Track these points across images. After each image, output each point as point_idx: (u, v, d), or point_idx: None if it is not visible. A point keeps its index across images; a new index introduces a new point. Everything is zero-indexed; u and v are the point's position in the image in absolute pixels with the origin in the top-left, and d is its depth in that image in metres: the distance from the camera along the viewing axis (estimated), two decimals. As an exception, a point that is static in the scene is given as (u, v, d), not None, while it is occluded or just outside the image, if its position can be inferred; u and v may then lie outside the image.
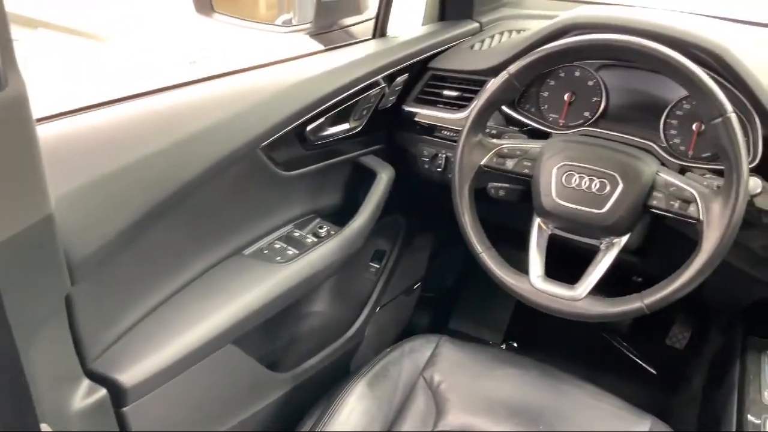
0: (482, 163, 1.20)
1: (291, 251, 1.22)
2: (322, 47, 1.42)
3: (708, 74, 1.12)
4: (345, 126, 1.33)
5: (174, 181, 0.97)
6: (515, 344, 2.01)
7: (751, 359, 1.19)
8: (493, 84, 1.17)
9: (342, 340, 1.51)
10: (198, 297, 1.08)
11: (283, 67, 1.27)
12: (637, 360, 1.93)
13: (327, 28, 1.50)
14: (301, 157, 1.27)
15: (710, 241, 1.01)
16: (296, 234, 1.29)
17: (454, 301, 2.07)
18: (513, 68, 1.15)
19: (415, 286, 1.83)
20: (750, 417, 1.08)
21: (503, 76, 1.15)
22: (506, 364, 1.28)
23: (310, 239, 1.27)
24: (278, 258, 1.20)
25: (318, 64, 1.29)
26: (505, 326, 2.02)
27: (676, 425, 1.46)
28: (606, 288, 1.16)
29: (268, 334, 1.35)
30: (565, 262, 1.18)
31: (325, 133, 1.28)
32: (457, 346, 1.31)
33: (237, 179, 1.12)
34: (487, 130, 1.29)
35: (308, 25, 1.46)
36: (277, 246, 1.24)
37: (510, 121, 1.36)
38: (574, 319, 1.11)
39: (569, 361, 1.90)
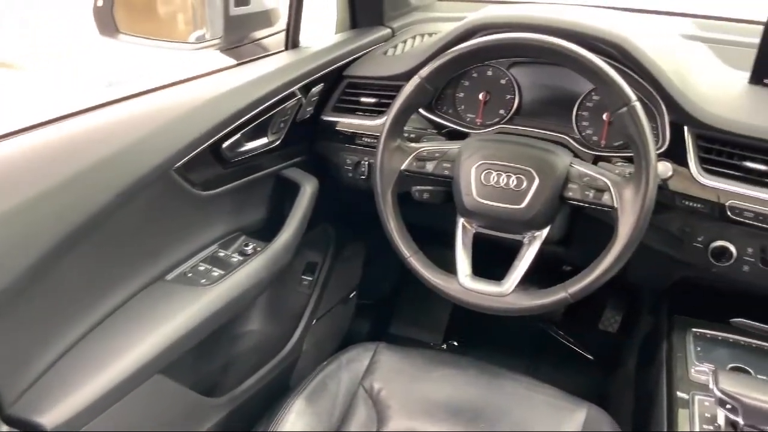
0: (402, 167, 1.20)
1: (216, 272, 1.20)
2: (234, 62, 1.40)
3: (612, 65, 1.15)
4: (263, 140, 1.31)
5: (83, 211, 0.94)
6: (456, 343, 2.03)
7: (677, 338, 1.23)
8: (406, 89, 1.17)
9: (279, 356, 1.49)
10: (120, 328, 1.04)
11: (194, 84, 1.25)
12: (574, 347, 1.98)
13: (238, 43, 1.48)
14: (219, 176, 1.24)
15: (625, 227, 1.04)
16: (221, 254, 1.26)
17: (393, 306, 2.08)
18: (424, 72, 1.15)
19: (350, 295, 1.83)
20: (679, 394, 1.11)
21: (415, 80, 1.16)
22: (444, 365, 1.29)
23: (236, 258, 1.25)
24: (203, 280, 1.17)
25: (230, 80, 1.26)
26: (444, 326, 2.03)
27: (614, 408, 1.50)
28: (538, 279, 1.18)
29: (200, 358, 1.32)
30: (496, 259, 1.20)
31: (242, 149, 1.26)
32: (396, 351, 1.30)
33: (152, 203, 1.09)
34: (406, 135, 1.29)
35: (218, 41, 1.43)
36: (202, 268, 1.21)
37: (432, 123, 1.37)
38: (503, 315, 1.13)
39: (510, 355, 1.93)
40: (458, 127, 1.34)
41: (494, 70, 1.34)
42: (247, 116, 1.23)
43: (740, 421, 0.97)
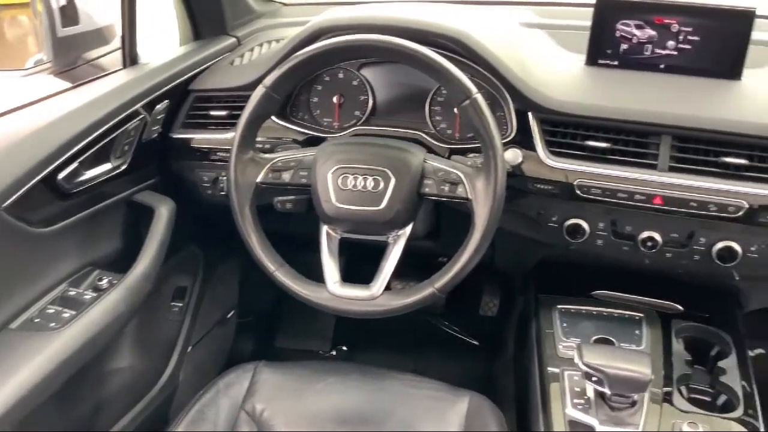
0: (258, 180, 1.16)
1: (67, 313, 1.11)
2: (68, 85, 1.30)
3: (455, 59, 1.18)
4: (106, 166, 1.23)
5: None
6: (345, 348, 2.01)
7: (545, 316, 1.27)
8: (251, 100, 1.13)
9: (154, 391, 1.41)
10: None
11: (20, 114, 1.14)
12: (459, 335, 2.02)
13: (72, 65, 1.38)
14: (60, 209, 1.15)
15: (481, 217, 1.06)
16: (72, 293, 1.17)
17: (276, 320, 2.03)
18: (268, 80, 1.12)
19: (228, 315, 1.76)
20: (550, 370, 1.15)
21: (260, 90, 1.13)
22: (327, 374, 1.26)
23: (89, 295, 1.16)
24: (52, 324, 1.08)
25: (62, 105, 1.17)
26: (331, 333, 2.01)
27: (499, 391, 1.54)
28: (417, 275, 1.17)
29: (65, 405, 1.22)
30: (375, 260, 1.19)
31: (83, 178, 1.17)
32: (276, 368, 1.27)
33: None
34: (260, 146, 1.25)
35: (49, 65, 1.34)
36: (51, 311, 1.11)
37: (290, 131, 1.34)
38: (376, 317, 1.12)
39: (398, 352, 1.94)
40: (316, 133, 1.32)
41: (345, 72, 1.33)
42: (84, 142, 1.14)
43: (607, 391, 1.01)
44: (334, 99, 1.33)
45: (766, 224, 1.11)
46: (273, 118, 1.29)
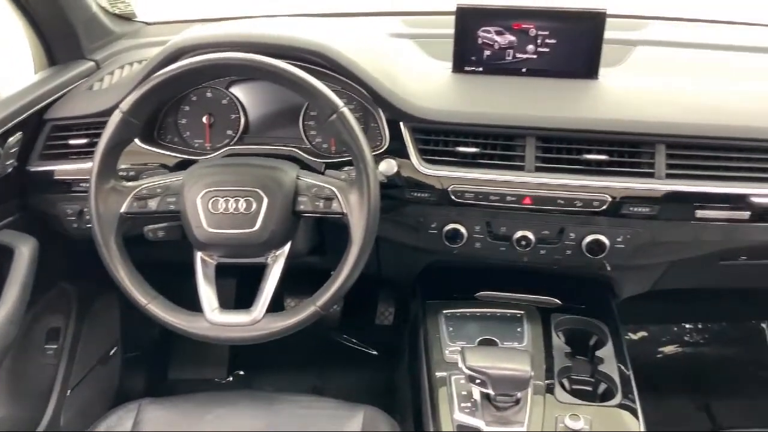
0: (122, 210, 1.10)
1: None
2: None
3: (324, 73, 1.17)
4: (-48, 207, 1.14)
5: None
6: (242, 373, 1.96)
7: (431, 322, 1.28)
8: (108, 126, 1.07)
9: None
10: None
11: None
12: (358, 347, 2.01)
13: None
14: None
15: (357, 230, 1.06)
16: None
17: (167, 351, 1.94)
18: (125, 105, 1.07)
19: (111, 352, 1.67)
20: (438, 375, 1.16)
21: (117, 115, 1.07)
22: (217, 405, 1.22)
23: None
24: None
25: None
26: (227, 359, 1.95)
27: (398, 400, 1.54)
28: (313, 291, 1.14)
29: None
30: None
31: None
32: (162, 404, 1.21)
33: None
34: (124, 173, 1.20)
35: None
36: None
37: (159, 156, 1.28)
38: (258, 342, 1.09)
39: (299, 370, 1.91)
40: (187, 156, 1.27)
41: (214, 91, 1.29)
42: None
43: (491, 392, 1.03)
44: (204, 119, 1.29)
45: (630, 216, 1.17)
46: (138, 142, 1.23)
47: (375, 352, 1.99)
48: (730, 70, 1.37)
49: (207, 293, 1.11)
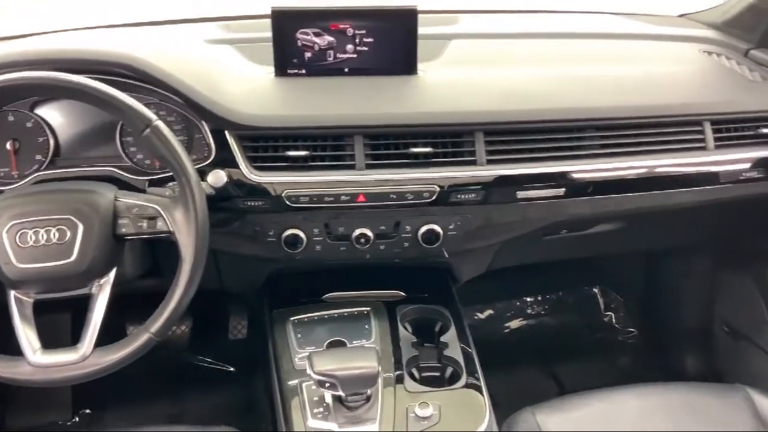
0: None
1: None
2: None
3: (136, 86, 1.11)
4: None
5: None
6: (89, 411, 1.82)
7: (279, 331, 1.26)
8: None
9: None
10: None
11: None
12: (215, 366, 1.94)
13: None
14: None
15: (187, 248, 1.01)
16: None
17: (0, 397, 1.77)
18: None
19: None
20: (289, 383, 1.14)
21: None
22: None
23: None
24: None
25: None
26: (69, 397, 1.81)
27: (259, 416, 1.50)
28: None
29: None
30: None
31: None
32: None
33: None
34: None
35: None
36: None
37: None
38: (92, 379, 1.01)
39: (152, 399, 1.81)
40: None
41: (15, 114, 1.18)
42: None
43: (342, 393, 1.03)
44: (8, 145, 1.18)
45: (459, 203, 1.22)
46: None
47: (232, 369, 1.93)
48: (539, 57, 1.46)
49: (27, 334, 1.02)
